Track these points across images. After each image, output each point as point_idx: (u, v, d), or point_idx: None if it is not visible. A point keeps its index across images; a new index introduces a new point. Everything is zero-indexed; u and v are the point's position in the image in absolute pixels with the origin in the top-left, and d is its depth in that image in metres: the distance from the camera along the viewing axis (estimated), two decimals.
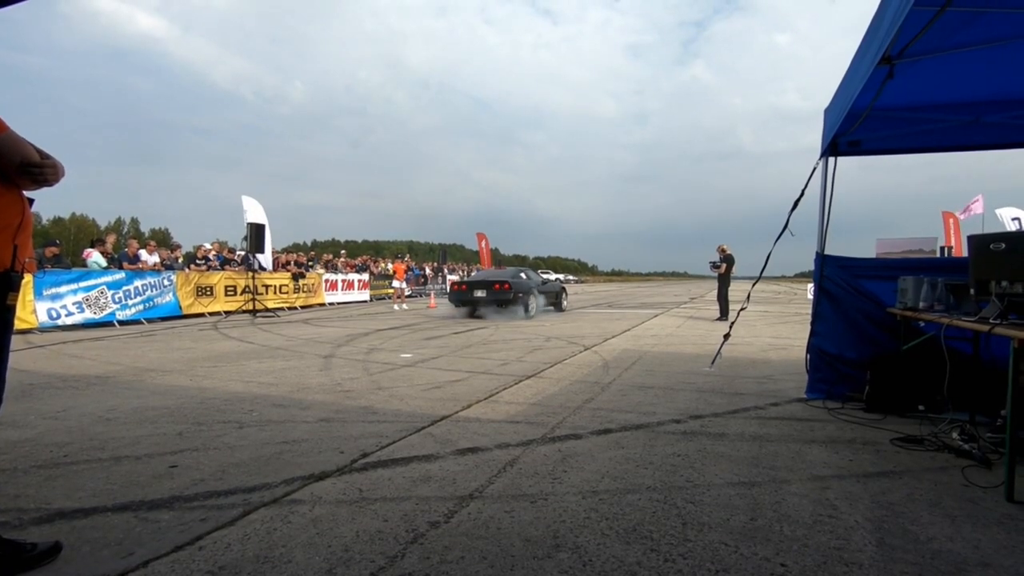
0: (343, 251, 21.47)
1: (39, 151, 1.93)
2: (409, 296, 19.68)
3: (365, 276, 20.29)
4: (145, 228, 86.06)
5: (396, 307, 16.59)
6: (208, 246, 15.08)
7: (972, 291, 3.11)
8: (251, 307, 13.09)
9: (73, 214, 79.35)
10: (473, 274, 14.66)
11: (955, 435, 3.33)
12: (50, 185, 1.96)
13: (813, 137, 5.01)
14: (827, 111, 4.34)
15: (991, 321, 2.82)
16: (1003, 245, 2.90)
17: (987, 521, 2.30)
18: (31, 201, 1.97)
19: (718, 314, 12.46)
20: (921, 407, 3.97)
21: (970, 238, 3.22)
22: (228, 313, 13.09)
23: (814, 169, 4.50)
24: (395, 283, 18.05)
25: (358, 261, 22.85)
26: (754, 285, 5.76)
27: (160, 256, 12.94)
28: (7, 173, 1.83)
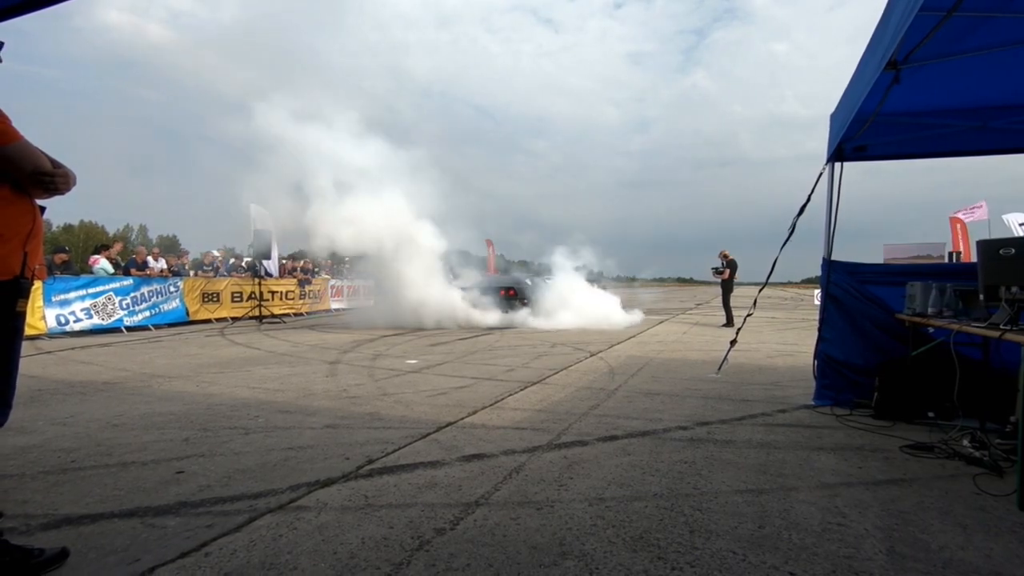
0: (347, 257, 21.50)
1: (51, 160, 1.95)
2: None
3: (370, 282, 20.38)
4: (153, 235, 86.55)
5: None
6: (215, 253, 15.18)
7: (981, 296, 3.08)
8: (257, 313, 13.15)
9: (82, 221, 79.91)
10: (479, 280, 14.73)
11: (965, 442, 3.30)
12: (61, 194, 1.99)
13: (814, 144, 5.00)
14: (833, 116, 4.33)
15: (1001, 327, 2.79)
16: (1013, 250, 2.88)
17: (999, 530, 2.27)
18: (42, 209, 2.00)
19: (724, 320, 12.41)
20: (931, 414, 3.93)
21: (979, 243, 3.20)
22: (235, 319, 13.15)
23: (820, 174, 4.49)
24: None
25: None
26: (760, 291, 5.73)
27: (167, 262, 13.04)
28: (19, 181, 1.86)
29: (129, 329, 10.66)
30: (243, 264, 15.43)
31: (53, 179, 1.92)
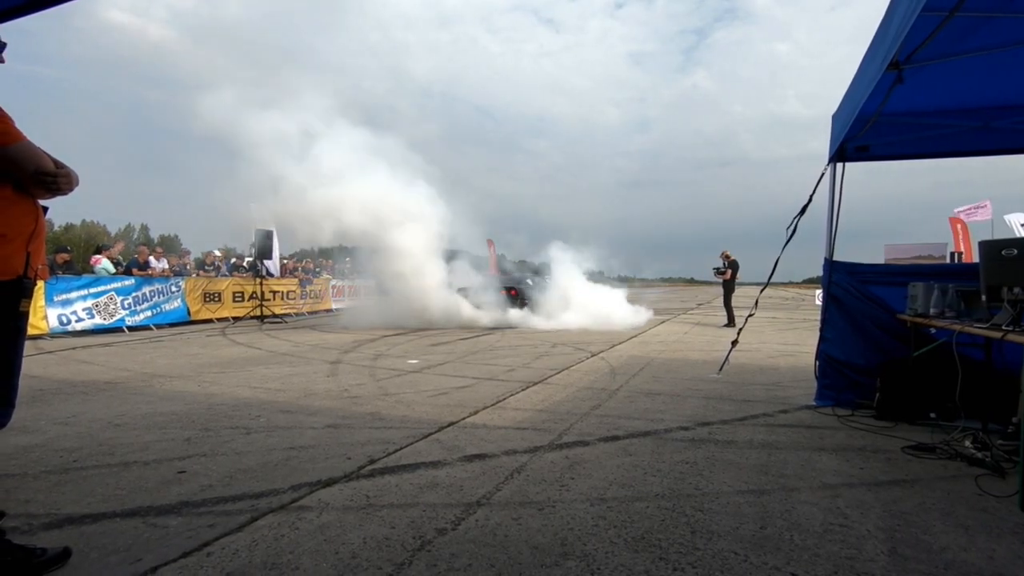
0: (348, 258, 21.50)
1: (54, 160, 1.96)
2: None
3: (371, 282, 20.38)
4: (155, 234, 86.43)
5: None
6: (217, 252, 15.19)
7: (984, 297, 3.08)
8: (259, 313, 13.16)
9: (84, 221, 79.89)
10: (480, 280, 14.72)
11: (967, 443, 3.29)
12: (64, 194, 1.99)
13: (816, 144, 4.99)
14: (835, 116, 4.33)
15: (1003, 328, 2.79)
16: (1015, 251, 2.87)
17: (1001, 531, 2.27)
18: (45, 209, 2.00)
19: (725, 320, 12.40)
20: (932, 415, 3.92)
21: (981, 244, 3.19)
22: (236, 319, 13.16)
23: (822, 174, 4.48)
24: None
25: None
26: (762, 291, 5.73)
27: (169, 262, 13.06)
28: (22, 182, 1.86)
29: (131, 329, 10.68)
30: (244, 264, 15.45)
31: (55, 179, 1.92)
